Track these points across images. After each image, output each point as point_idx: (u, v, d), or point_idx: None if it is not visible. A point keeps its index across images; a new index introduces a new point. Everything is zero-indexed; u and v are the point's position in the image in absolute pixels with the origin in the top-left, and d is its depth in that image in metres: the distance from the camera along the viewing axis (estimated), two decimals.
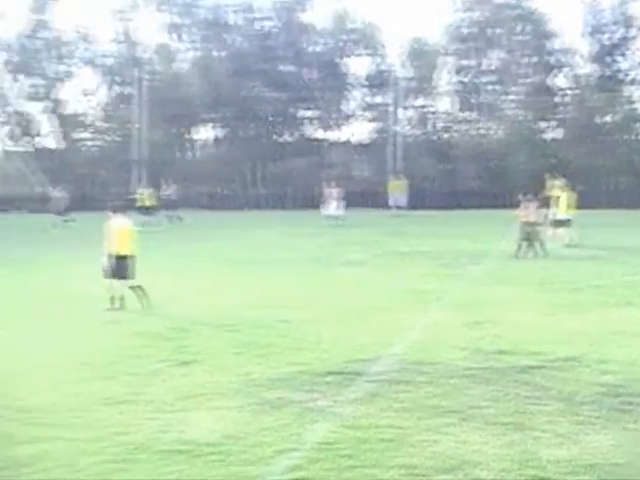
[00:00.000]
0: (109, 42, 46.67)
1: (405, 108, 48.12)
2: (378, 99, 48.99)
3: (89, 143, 48.82)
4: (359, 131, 50.36)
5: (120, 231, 12.72)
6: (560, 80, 48.15)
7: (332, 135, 49.28)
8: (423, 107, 49.55)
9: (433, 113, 49.97)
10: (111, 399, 7.80)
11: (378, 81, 48.08)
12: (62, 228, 29.14)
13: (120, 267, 12.49)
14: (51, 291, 14.59)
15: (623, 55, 46.39)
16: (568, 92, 47.82)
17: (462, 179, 45.44)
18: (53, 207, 30.53)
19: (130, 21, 46.14)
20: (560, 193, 23.62)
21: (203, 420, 7.17)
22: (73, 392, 8.04)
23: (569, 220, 22.47)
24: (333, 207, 32.18)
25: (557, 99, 47.94)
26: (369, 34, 48.37)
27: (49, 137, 49.44)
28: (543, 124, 47.81)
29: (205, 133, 47.90)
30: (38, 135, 48.91)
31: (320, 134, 49.22)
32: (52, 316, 12.15)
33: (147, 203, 31.18)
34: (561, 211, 22.67)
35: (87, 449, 6.39)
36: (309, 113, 48.32)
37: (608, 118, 46.34)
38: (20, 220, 37.40)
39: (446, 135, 49.25)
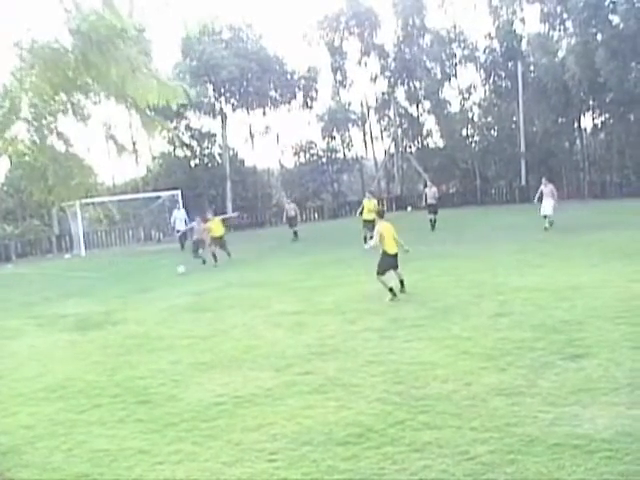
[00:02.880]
0: (485, 38, 47.07)
1: None
2: None
3: (473, 139, 49.77)
4: None
5: (389, 232, 14.54)
6: None
7: None
8: None
9: None
10: (504, 390, 7.93)
11: None
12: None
13: (393, 261, 14.52)
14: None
15: None
16: None
17: None
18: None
19: (506, 15, 46.04)
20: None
21: (597, 415, 6.93)
22: (468, 382, 8.35)
23: None
24: None
25: None
26: None
27: (435, 136, 51.78)
28: None
29: (590, 121, 45.70)
30: (425, 135, 51.43)
31: None
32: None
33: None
34: None
35: (477, 438, 6.61)
36: None
37: None
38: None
39: None
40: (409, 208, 43.83)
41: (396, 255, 14.53)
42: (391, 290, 14.12)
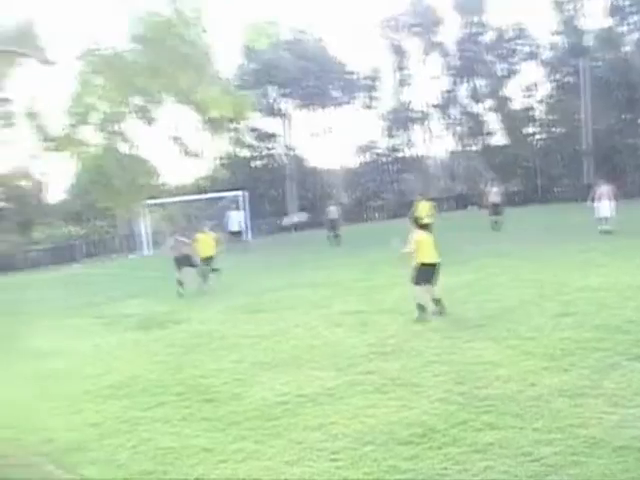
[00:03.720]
0: (548, 34, 46.20)
1: None
2: None
3: (536, 137, 48.88)
4: None
5: (426, 242, 13.05)
6: None
7: None
8: None
9: None
10: (567, 391, 7.81)
11: None
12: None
13: (431, 273, 12.80)
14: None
15: None
16: None
17: None
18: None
19: (571, 10, 45.08)
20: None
21: None
22: (531, 382, 8.25)
23: None
24: None
25: None
26: None
27: (497, 134, 51.00)
28: None
29: None
30: (487, 133, 50.76)
31: None
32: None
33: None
34: None
35: (540, 439, 6.53)
36: None
37: None
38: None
39: None
40: (471, 207, 43.38)
41: (435, 266, 12.81)
42: (420, 307, 12.66)
